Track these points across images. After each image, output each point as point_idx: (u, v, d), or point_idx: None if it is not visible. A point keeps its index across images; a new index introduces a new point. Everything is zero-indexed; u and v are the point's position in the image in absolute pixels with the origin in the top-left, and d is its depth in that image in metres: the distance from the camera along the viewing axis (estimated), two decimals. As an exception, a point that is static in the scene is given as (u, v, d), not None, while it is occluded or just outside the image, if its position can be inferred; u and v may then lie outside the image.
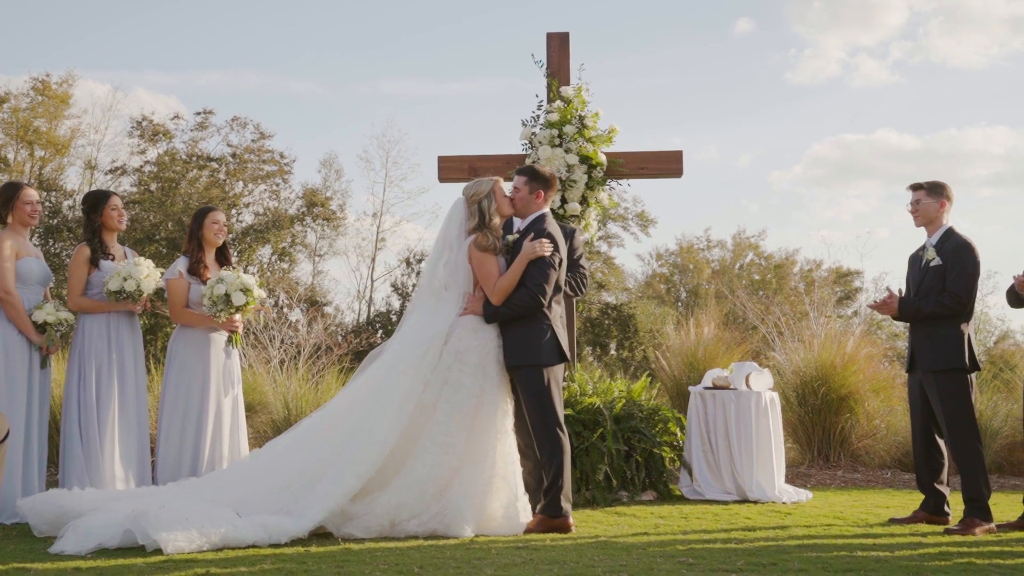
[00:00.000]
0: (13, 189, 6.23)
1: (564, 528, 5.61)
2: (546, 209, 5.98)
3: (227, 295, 6.19)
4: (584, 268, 6.69)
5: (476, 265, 5.74)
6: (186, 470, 6.22)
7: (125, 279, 6.17)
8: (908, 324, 6.21)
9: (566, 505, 5.67)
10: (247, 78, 36.80)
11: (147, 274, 6.25)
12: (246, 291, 6.24)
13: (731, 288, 28.37)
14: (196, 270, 6.44)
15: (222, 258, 6.63)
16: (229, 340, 6.48)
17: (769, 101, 40.41)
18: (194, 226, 6.54)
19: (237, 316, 6.36)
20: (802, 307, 11.46)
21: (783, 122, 40.77)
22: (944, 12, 38.62)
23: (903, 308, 6.03)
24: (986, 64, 38.04)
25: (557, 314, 5.83)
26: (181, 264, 6.48)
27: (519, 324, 5.71)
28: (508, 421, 5.74)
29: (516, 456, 5.71)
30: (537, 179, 5.95)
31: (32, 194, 6.23)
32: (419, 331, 5.73)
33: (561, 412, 5.75)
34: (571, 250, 6.43)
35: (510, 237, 5.89)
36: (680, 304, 34.42)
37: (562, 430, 5.70)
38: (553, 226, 5.88)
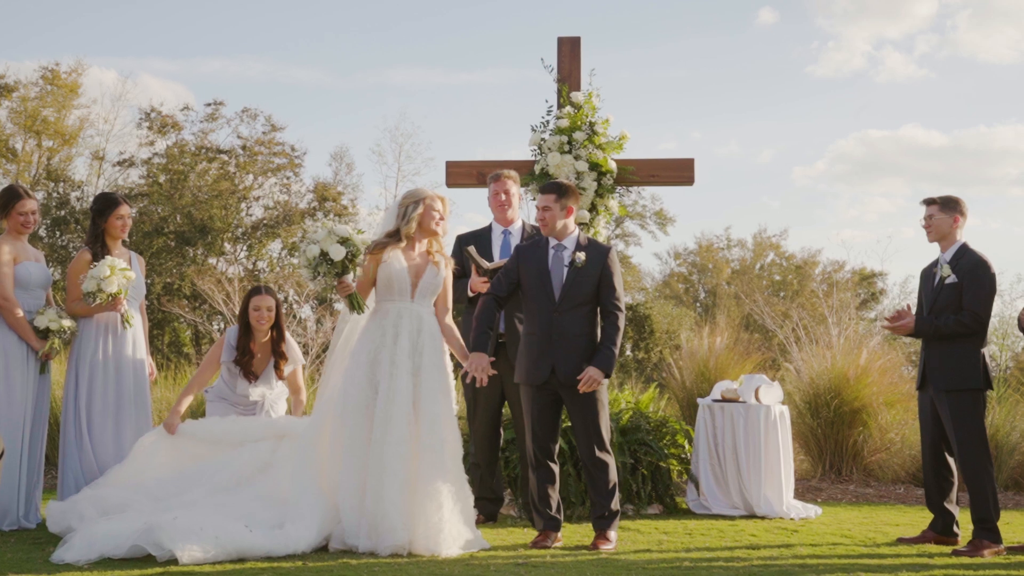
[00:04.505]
0: (9, 196, 6.15)
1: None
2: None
3: (323, 252, 5.42)
4: None
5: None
6: None
7: (91, 278, 6.00)
8: (921, 341, 6.10)
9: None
10: (252, 66, 36.66)
11: (108, 274, 5.98)
12: (344, 240, 5.42)
13: (749, 290, 28.19)
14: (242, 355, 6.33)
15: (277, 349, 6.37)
16: (352, 303, 5.56)
17: (791, 95, 40.10)
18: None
19: (349, 277, 5.55)
20: (822, 311, 11.34)
21: (805, 117, 40.46)
22: (973, 5, 38.11)
23: (920, 327, 5.91)
24: (1017, 59, 37.49)
25: None
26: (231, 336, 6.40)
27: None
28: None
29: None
30: (566, 194, 5.74)
31: (29, 204, 6.14)
32: None
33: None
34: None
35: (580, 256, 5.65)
36: (699, 304, 34.27)
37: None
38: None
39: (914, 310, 6.06)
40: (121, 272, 6.04)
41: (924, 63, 38.97)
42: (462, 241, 6.54)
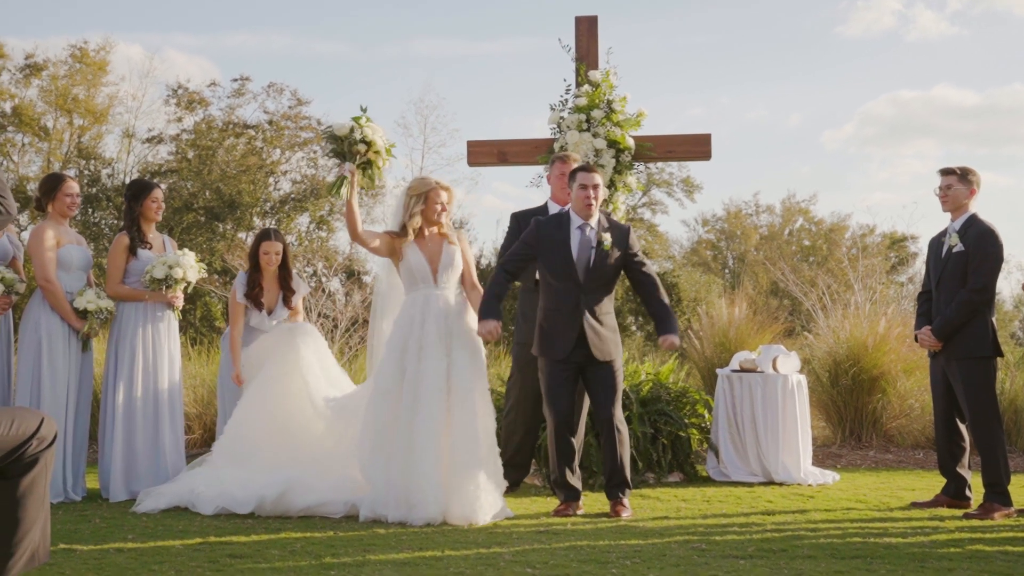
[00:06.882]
0: (55, 181, 6.52)
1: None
2: None
3: (332, 134, 6.05)
4: None
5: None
6: None
7: (171, 267, 6.40)
8: (934, 311, 6.18)
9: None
10: (276, 39, 36.75)
11: (193, 265, 6.50)
12: (359, 127, 6.09)
13: (779, 255, 28.12)
14: (252, 295, 6.70)
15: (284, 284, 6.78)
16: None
17: (820, 57, 39.63)
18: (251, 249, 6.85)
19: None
20: (847, 277, 11.40)
21: (835, 79, 39.98)
22: (1007, -43, 37.42)
23: (939, 330, 6.03)
24: (1054, 13, 36.82)
25: None
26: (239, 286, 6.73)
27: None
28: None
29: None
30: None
31: (73, 186, 6.51)
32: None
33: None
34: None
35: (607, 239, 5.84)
36: (727, 271, 34.24)
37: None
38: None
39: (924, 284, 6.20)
40: (198, 265, 6.55)
41: (957, 20, 38.43)
42: (519, 219, 6.61)
